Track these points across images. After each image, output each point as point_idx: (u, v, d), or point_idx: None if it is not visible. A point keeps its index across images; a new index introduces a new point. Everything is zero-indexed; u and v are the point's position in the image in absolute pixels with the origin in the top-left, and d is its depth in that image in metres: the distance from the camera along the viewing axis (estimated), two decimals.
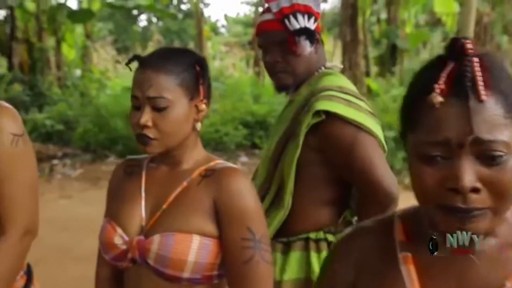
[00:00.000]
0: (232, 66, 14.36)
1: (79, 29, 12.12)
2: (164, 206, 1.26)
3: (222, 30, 25.46)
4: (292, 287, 1.60)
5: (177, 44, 16.46)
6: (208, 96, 1.31)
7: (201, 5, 13.99)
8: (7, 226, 1.41)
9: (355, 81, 10.21)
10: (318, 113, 1.53)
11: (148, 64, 1.24)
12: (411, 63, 9.85)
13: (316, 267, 1.57)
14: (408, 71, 10.46)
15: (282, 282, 1.61)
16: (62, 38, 10.82)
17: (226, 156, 7.48)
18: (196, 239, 1.21)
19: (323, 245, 1.59)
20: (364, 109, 1.60)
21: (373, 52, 11.12)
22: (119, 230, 1.27)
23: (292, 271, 1.61)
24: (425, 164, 0.73)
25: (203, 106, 1.29)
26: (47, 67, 10.30)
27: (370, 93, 9.80)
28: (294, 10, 1.61)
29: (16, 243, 1.41)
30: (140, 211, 1.28)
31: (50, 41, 10.83)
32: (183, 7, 24.50)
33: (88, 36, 11.88)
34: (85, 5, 11.29)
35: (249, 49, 15.09)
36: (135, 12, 21.53)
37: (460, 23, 11.16)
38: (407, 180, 6.49)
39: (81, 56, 11.81)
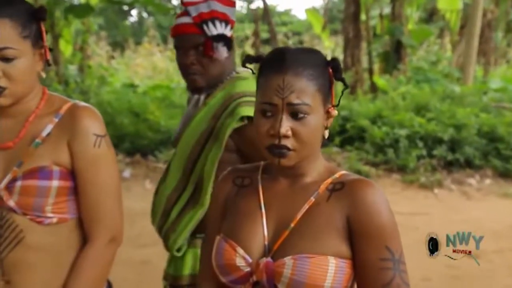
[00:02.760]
0: None
1: (75, 24, 11.88)
2: (292, 225, 1.14)
3: None
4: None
5: (171, 39, 16.25)
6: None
7: None
8: (92, 232, 1.37)
9: (357, 78, 10.15)
10: (241, 118, 1.65)
11: (286, 68, 1.11)
12: (419, 60, 9.82)
13: None
14: (414, 68, 10.42)
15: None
16: (59, 33, 10.59)
17: None
18: (332, 262, 1.09)
19: None
20: None
21: (375, 49, 11.06)
22: (240, 251, 1.15)
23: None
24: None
25: (335, 112, 1.18)
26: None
27: (375, 90, 9.72)
28: (213, 17, 1.70)
29: (103, 250, 1.37)
30: (262, 230, 1.16)
31: (47, 37, 10.57)
32: (174, 2, 24.29)
33: (87, 31, 11.66)
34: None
35: (245, 45, 14.95)
36: (125, 7, 21.28)
37: (464, 20, 11.16)
38: (422, 179, 6.47)
39: (79, 52, 11.58)
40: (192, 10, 1.71)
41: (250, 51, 14.13)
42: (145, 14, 24.65)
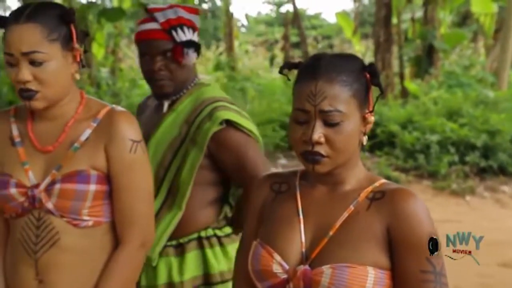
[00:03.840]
0: (259, 66, 14.25)
1: (107, 28, 12.08)
2: (331, 233, 1.13)
3: (242, 29, 25.39)
4: (193, 284, 1.73)
5: (201, 43, 16.37)
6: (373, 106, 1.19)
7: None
8: (125, 236, 1.39)
9: (388, 82, 10.03)
10: (221, 122, 1.67)
11: (319, 75, 1.11)
12: (451, 64, 9.67)
13: (213, 261, 1.73)
14: (447, 72, 10.26)
15: (184, 283, 1.72)
16: (92, 37, 10.79)
17: None
18: (371, 273, 1.08)
19: (214, 241, 1.75)
20: (247, 116, 1.77)
21: (406, 53, 10.93)
22: (277, 257, 1.14)
23: (191, 270, 1.72)
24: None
25: (372, 118, 1.17)
26: None
27: (406, 95, 9.59)
28: (181, 23, 1.72)
29: (134, 254, 1.39)
30: (299, 236, 1.15)
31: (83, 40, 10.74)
32: (205, 6, 24.47)
33: (119, 34, 11.85)
34: (115, 3, 11.23)
35: (274, 49, 14.97)
36: None
37: (499, 23, 10.93)
38: (454, 186, 6.35)
39: (111, 55, 11.77)
40: (159, 16, 1.72)
41: (280, 54, 14.15)
42: None
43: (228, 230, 1.80)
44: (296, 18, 12.14)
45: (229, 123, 1.68)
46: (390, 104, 8.35)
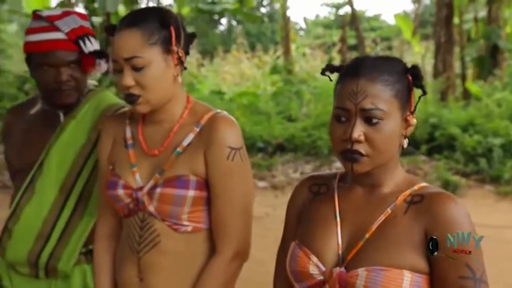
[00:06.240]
0: (316, 69, 14.17)
1: None
2: (367, 236, 1.12)
3: (301, 32, 25.34)
4: None
5: (259, 47, 16.48)
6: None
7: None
8: (220, 246, 1.38)
9: (449, 84, 9.74)
10: None
11: (361, 73, 1.11)
12: None
13: None
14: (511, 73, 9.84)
15: None
16: None
17: (319, 162, 7.31)
18: (407, 276, 1.07)
19: None
20: None
21: (469, 54, 10.57)
22: (314, 259, 1.15)
23: None
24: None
25: (414, 121, 1.16)
26: None
27: (468, 97, 9.28)
28: (86, 33, 1.68)
29: (228, 264, 1.38)
30: (336, 238, 1.16)
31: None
32: (263, 10, 24.64)
33: None
34: (174, 9, 11.53)
35: (332, 52, 14.85)
36: (215, 16, 21.90)
37: None
38: None
39: None
40: (62, 26, 1.66)
41: (337, 57, 14.02)
42: (234, 23, 25.22)
43: None
44: (353, 20, 12.01)
45: None
46: (450, 107, 8.11)
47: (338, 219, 1.17)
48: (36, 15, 1.69)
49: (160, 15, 1.35)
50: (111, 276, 1.48)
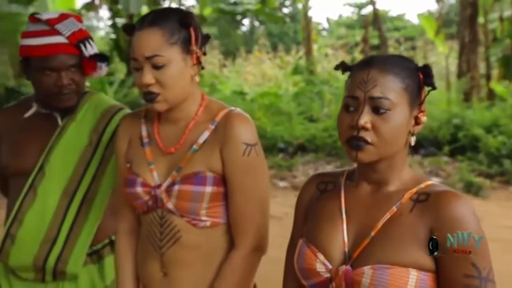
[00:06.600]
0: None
1: None
2: (373, 234, 1.13)
3: (323, 33, 25.25)
4: (113, 287, 1.71)
5: (281, 47, 16.48)
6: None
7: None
8: (238, 241, 1.41)
9: (473, 84, 9.59)
10: None
11: (373, 64, 1.13)
12: None
13: None
14: None
15: (108, 287, 1.75)
16: None
17: (340, 162, 7.28)
18: (413, 274, 1.07)
19: None
20: None
21: (494, 53, 10.40)
22: (321, 256, 1.16)
23: (111, 274, 1.72)
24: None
25: (424, 118, 1.16)
26: None
27: (492, 98, 9.13)
28: (86, 36, 1.68)
29: (247, 258, 1.40)
30: (342, 236, 1.16)
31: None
32: (285, 10, 24.61)
33: None
34: (196, 10, 11.60)
35: (354, 52, 14.77)
36: (238, 17, 21.95)
37: None
38: None
39: None
40: (62, 29, 1.66)
41: (359, 57, 13.94)
42: (256, 23, 25.25)
43: None
44: (376, 20, 11.93)
45: None
46: (474, 107, 8.00)
47: (344, 216, 1.18)
48: (34, 18, 1.68)
49: (180, 16, 1.38)
50: (133, 271, 1.51)
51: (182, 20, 1.37)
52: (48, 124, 1.73)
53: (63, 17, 1.68)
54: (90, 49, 1.67)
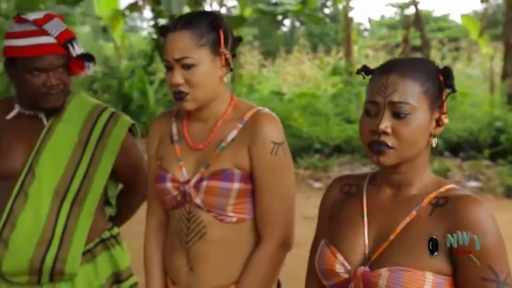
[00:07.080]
0: None
1: None
2: (392, 237, 1.15)
3: (365, 33, 24.98)
4: (108, 284, 1.78)
5: (321, 48, 16.41)
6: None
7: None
8: (265, 236, 1.45)
9: None
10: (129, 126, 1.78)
11: (392, 69, 1.15)
12: None
13: (120, 259, 1.81)
14: None
15: (103, 286, 1.77)
16: None
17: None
18: (429, 278, 1.09)
19: (113, 241, 1.82)
20: None
21: None
22: (340, 257, 1.19)
23: (105, 271, 1.78)
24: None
25: (446, 120, 1.18)
26: None
27: None
28: (72, 36, 1.68)
29: (273, 253, 1.44)
30: (362, 239, 1.19)
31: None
32: (326, 11, 24.48)
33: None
34: (237, 12, 11.69)
35: (395, 53, 14.55)
36: (279, 17, 21.98)
37: None
38: None
39: (232, 61, 12.21)
40: (50, 29, 1.65)
41: None
42: (297, 24, 25.21)
43: (116, 230, 1.86)
44: (418, 20, 11.72)
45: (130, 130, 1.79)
46: None
47: (366, 219, 1.20)
48: (20, 19, 1.66)
49: (210, 19, 1.43)
50: (161, 267, 1.57)
51: (212, 22, 1.42)
52: (32, 125, 1.71)
53: (48, 17, 1.68)
54: (78, 49, 1.67)
